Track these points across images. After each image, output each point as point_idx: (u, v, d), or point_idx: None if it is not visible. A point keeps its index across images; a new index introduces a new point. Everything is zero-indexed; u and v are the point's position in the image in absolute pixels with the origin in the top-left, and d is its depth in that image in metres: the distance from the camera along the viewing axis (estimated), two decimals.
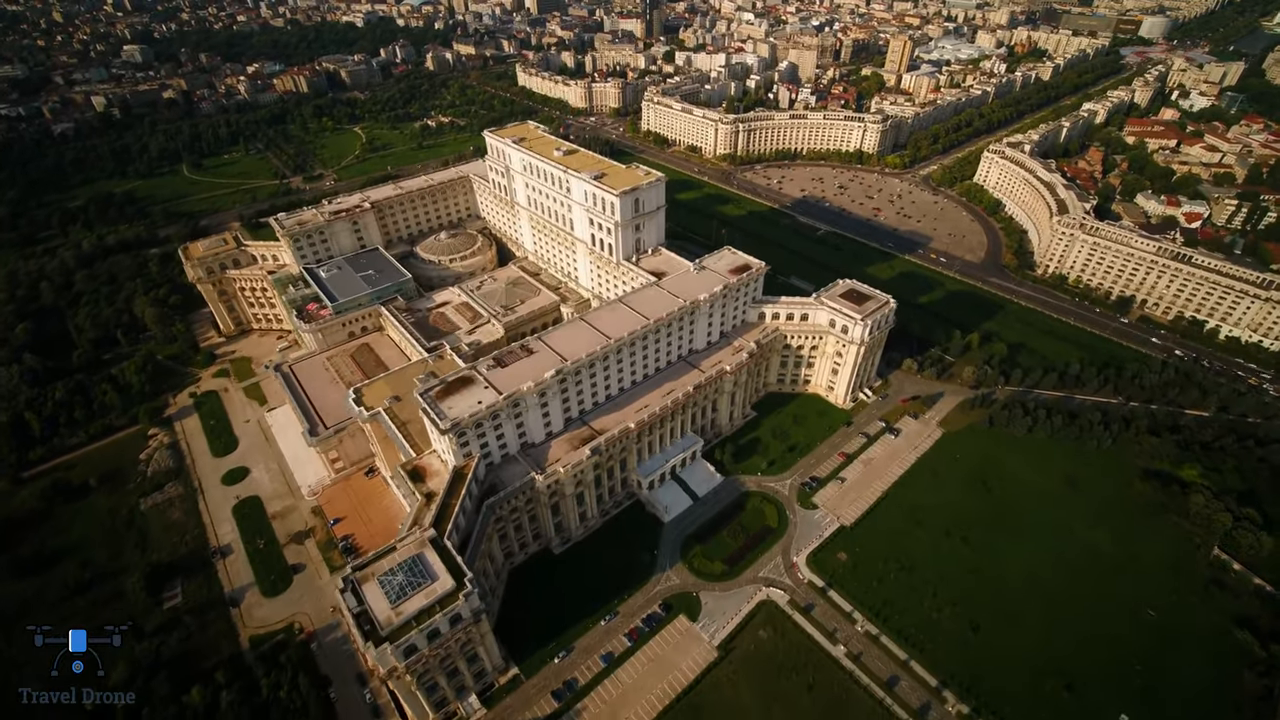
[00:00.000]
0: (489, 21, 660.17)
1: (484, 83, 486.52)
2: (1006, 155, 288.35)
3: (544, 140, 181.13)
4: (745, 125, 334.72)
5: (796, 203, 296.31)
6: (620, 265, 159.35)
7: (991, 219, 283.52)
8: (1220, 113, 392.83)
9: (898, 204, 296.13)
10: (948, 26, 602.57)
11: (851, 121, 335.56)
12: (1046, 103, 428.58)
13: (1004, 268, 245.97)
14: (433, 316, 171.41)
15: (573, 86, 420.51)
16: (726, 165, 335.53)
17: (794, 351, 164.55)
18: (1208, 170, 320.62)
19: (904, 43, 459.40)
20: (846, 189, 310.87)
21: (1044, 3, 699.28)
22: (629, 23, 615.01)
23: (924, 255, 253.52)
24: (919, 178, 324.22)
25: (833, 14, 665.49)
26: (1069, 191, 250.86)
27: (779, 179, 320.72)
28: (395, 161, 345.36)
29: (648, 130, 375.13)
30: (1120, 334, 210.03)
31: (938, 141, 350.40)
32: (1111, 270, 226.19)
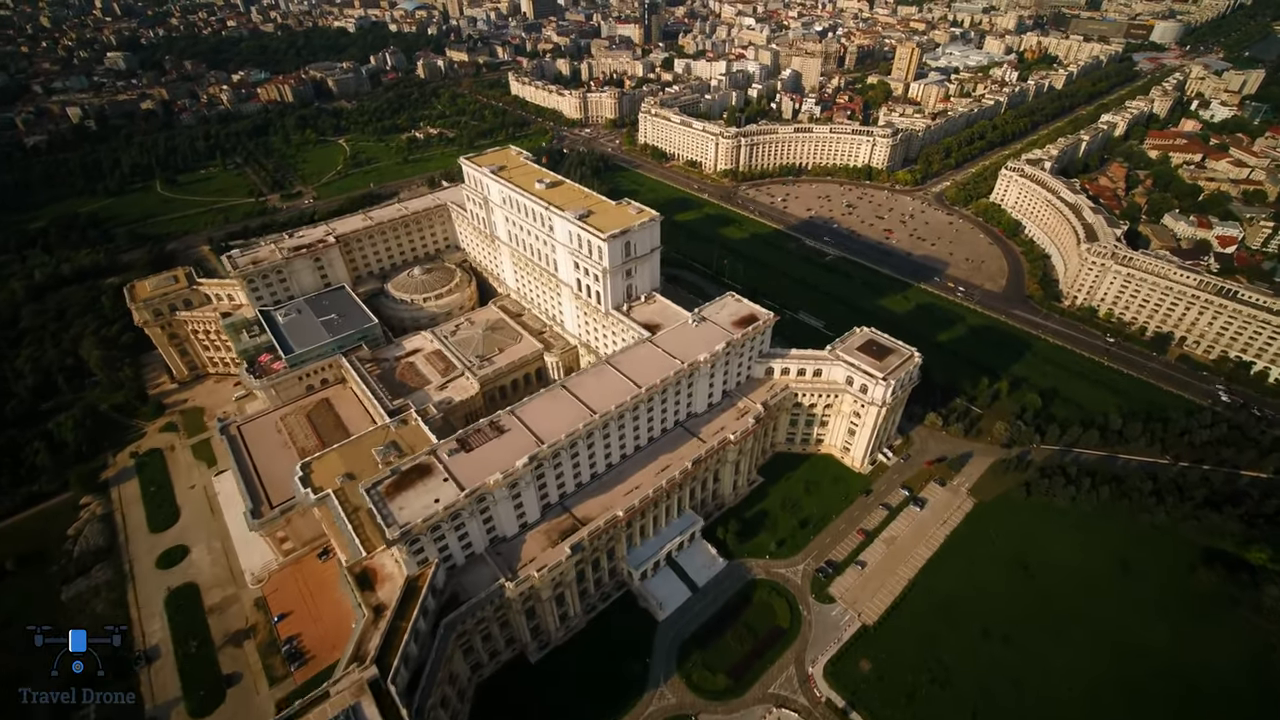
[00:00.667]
0: (483, 27, 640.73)
1: (476, 91, 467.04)
2: (1026, 174, 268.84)
3: (525, 170, 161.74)
4: (748, 139, 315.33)
5: (803, 224, 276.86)
6: (609, 315, 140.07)
7: (1011, 242, 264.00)
8: (1244, 124, 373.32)
9: (910, 224, 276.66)
10: (954, 32, 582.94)
11: (859, 135, 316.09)
12: (1062, 113, 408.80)
13: (1028, 298, 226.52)
14: (400, 368, 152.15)
15: (567, 97, 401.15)
16: (728, 182, 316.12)
17: (805, 410, 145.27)
18: (1236, 187, 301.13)
19: (911, 50, 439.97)
20: (855, 208, 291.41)
21: (1051, 7, 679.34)
22: (627, 28, 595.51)
23: (941, 284, 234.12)
24: (931, 195, 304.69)
25: (835, 19, 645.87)
26: (1097, 215, 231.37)
27: (783, 197, 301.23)
28: (379, 177, 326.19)
29: (645, 143, 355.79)
30: (1159, 376, 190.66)
31: (950, 156, 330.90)
32: (1147, 304, 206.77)
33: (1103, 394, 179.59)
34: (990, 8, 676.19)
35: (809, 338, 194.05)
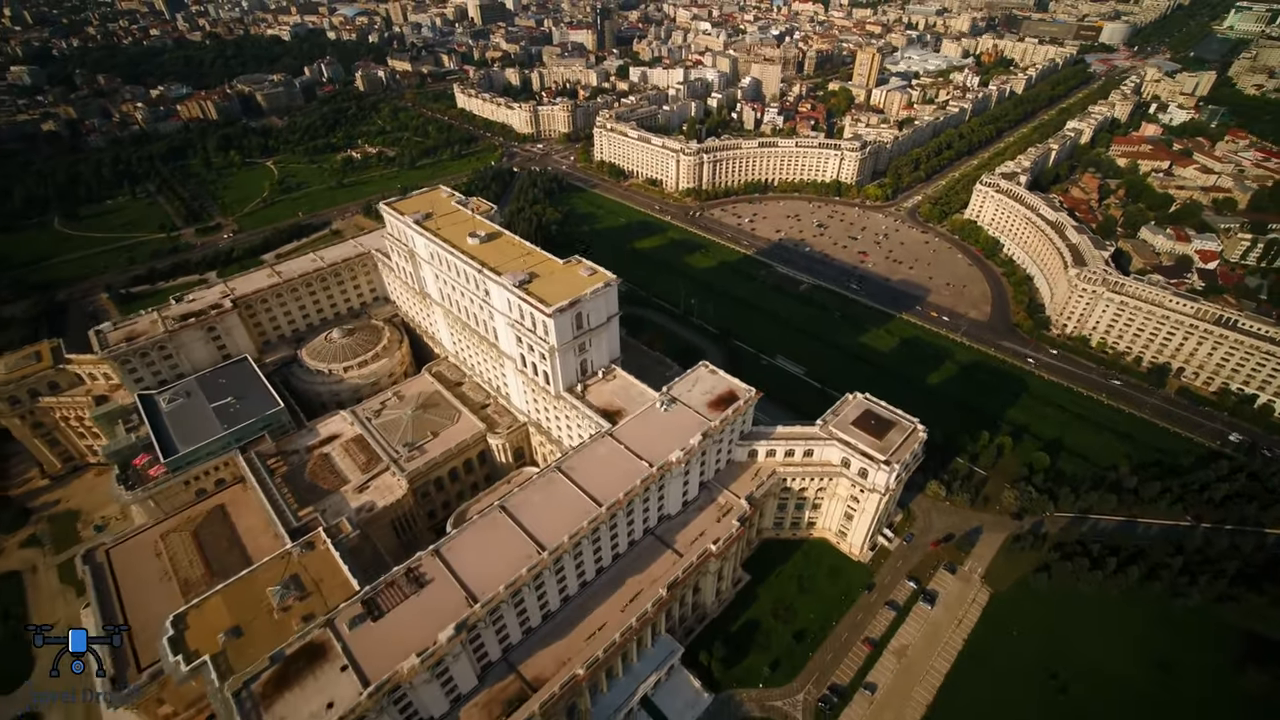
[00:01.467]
0: (429, 34, 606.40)
1: (420, 104, 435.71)
2: (1003, 189, 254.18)
3: (456, 218, 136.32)
4: (710, 156, 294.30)
5: (773, 247, 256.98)
6: (560, 399, 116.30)
7: (990, 262, 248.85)
8: (1202, 127, 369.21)
9: (885, 245, 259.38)
10: (911, 35, 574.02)
11: (827, 149, 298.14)
12: (1025, 118, 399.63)
13: (1015, 327, 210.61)
14: (313, 462, 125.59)
15: (517, 110, 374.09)
16: (691, 201, 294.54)
17: (795, 494, 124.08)
18: (1206, 195, 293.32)
19: (872, 56, 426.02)
20: (826, 228, 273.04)
21: (1003, 9, 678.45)
22: (579, 34, 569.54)
23: (923, 313, 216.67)
24: (904, 211, 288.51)
25: (792, 22, 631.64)
26: (1081, 235, 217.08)
27: (750, 217, 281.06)
28: (309, 204, 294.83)
29: (602, 160, 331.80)
30: (1162, 414, 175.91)
31: (919, 167, 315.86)
32: (1142, 333, 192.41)
33: (1108, 440, 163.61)
34: (943, 10, 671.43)
35: (789, 387, 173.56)
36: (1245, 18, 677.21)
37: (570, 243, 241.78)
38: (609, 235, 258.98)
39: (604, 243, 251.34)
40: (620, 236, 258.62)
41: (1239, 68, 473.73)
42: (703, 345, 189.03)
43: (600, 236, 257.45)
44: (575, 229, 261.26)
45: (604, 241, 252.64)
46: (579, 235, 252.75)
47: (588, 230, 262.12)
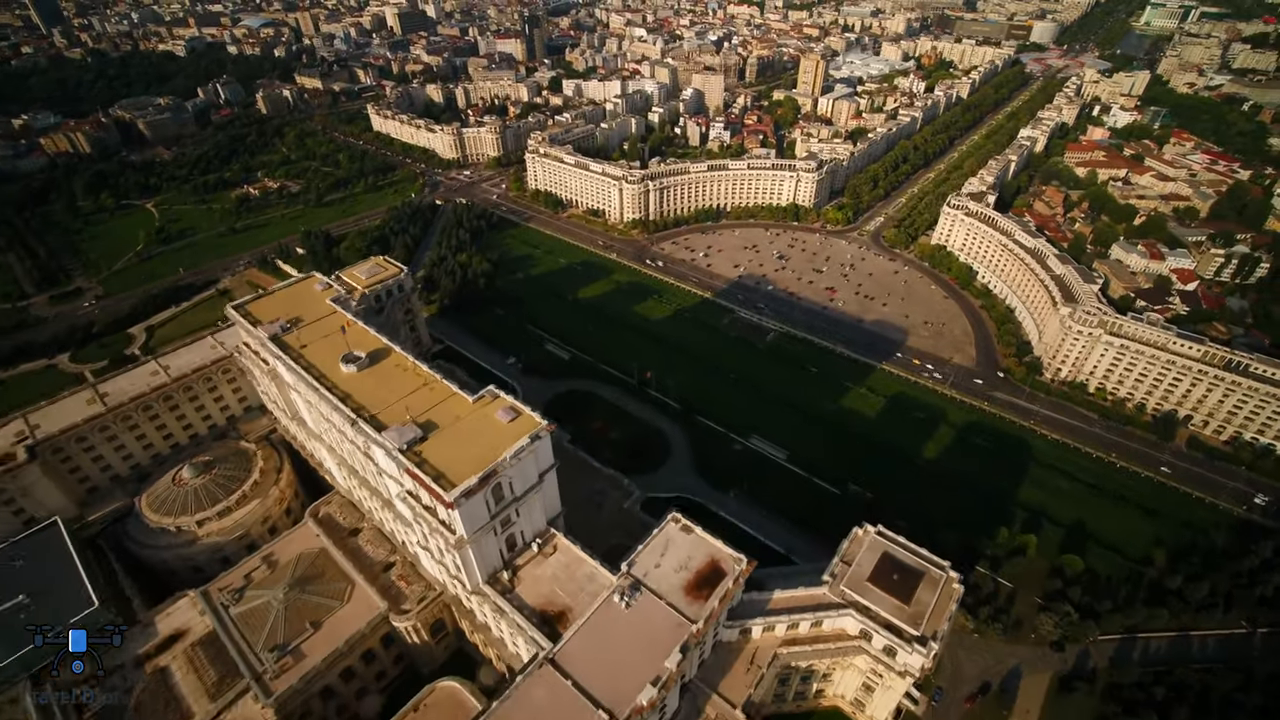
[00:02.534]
0: (342, 46, 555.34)
1: (331, 128, 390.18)
2: (973, 213, 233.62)
3: (328, 327, 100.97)
4: (657, 183, 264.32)
5: (733, 286, 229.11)
6: (478, 592, 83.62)
7: (966, 293, 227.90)
8: (1147, 129, 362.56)
9: (853, 277, 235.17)
10: (849, 38, 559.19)
11: (782, 171, 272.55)
12: (973, 125, 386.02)
13: (1005, 373, 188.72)
14: (142, 690, 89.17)
15: (439, 133, 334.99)
16: (638, 234, 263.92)
17: (800, 670, 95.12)
18: (1167, 204, 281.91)
19: (816, 63, 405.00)
20: (788, 259, 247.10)
21: (935, 9, 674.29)
22: (507, 43, 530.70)
23: (905, 360, 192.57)
24: (867, 236, 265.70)
25: (729, 26, 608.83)
26: (1066, 266, 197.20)
27: (705, 250, 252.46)
28: (194, 257, 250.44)
29: (536, 189, 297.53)
30: (1178, 473, 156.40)
31: (878, 185, 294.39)
32: (1145, 379, 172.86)
33: (1132, 518, 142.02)
34: (878, 11, 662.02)
35: (773, 481, 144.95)
36: (1159, 14, 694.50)
37: (502, 299, 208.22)
38: (548, 283, 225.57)
39: (542, 294, 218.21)
40: (561, 283, 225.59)
41: (1168, 65, 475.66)
42: (663, 426, 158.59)
43: (538, 286, 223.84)
44: (508, 278, 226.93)
45: (542, 292, 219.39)
46: (512, 289, 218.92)
47: (522, 278, 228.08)
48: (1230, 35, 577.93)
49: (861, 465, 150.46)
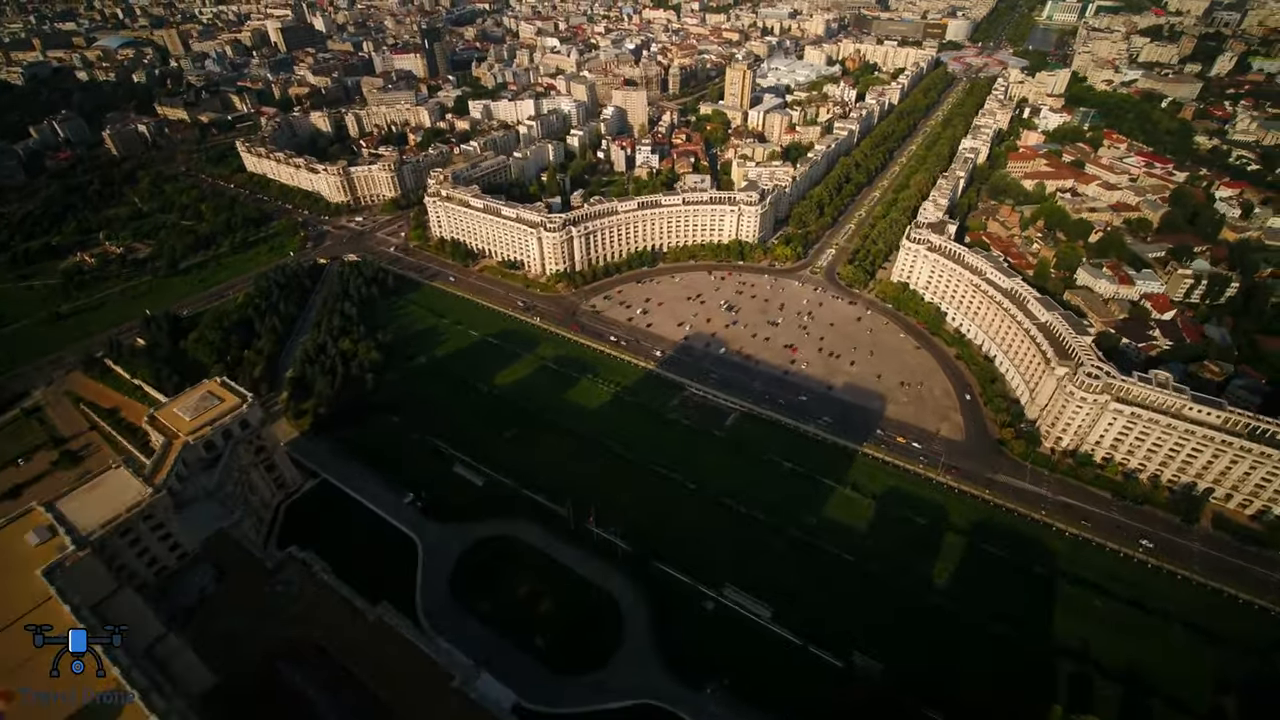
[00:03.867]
0: (215, 68, 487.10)
1: (198, 168, 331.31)
2: (937, 248, 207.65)
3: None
4: (581, 229, 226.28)
5: (679, 352, 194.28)
6: None
7: (937, 339, 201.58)
8: (1078, 131, 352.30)
9: (813, 329, 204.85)
10: (770, 42, 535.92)
11: (722, 206, 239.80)
12: (909, 133, 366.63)
13: (1001, 446, 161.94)
14: None
15: (324, 173, 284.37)
16: (565, 289, 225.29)
17: None
18: (1118, 216, 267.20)
19: (743, 73, 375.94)
20: (738, 309, 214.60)
21: (851, 9, 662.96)
22: (406, 59, 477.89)
23: (888, 438, 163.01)
24: (821, 274, 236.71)
25: (646, 33, 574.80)
26: (1051, 312, 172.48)
27: (643, 305, 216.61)
28: (6, 356, 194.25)
29: (442, 237, 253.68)
30: (1212, 566, 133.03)
31: (824, 211, 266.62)
32: (1159, 450, 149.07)
33: (1181, 643, 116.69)
34: (795, 12, 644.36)
35: (763, 656, 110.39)
36: (1060, 8, 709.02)
37: (398, 400, 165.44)
38: (456, 370, 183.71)
39: (450, 387, 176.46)
40: (473, 367, 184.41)
41: (1083, 62, 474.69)
42: (612, 587, 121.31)
43: (443, 375, 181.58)
44: (406, 366, 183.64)
45: (449, 384, 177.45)
46: (410, 385, 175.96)
47: (424, 364, 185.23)
48: (1128, 28, 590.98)
49: (863, 609, 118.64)
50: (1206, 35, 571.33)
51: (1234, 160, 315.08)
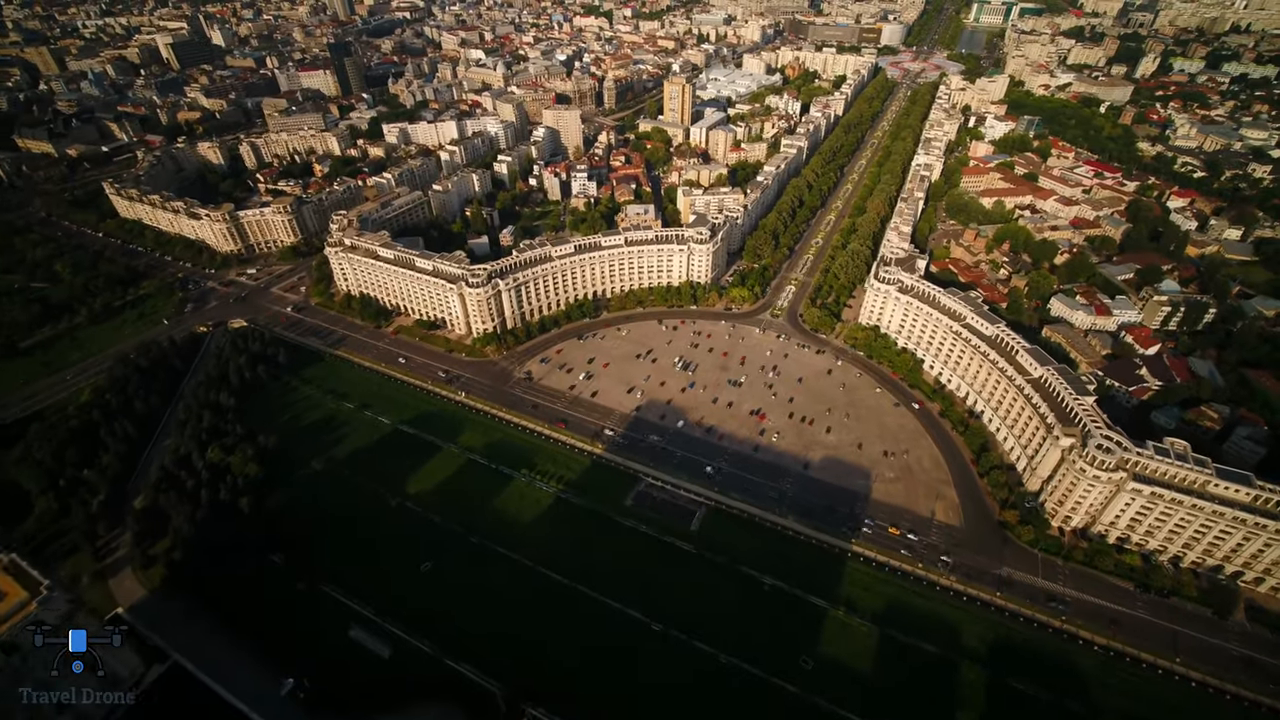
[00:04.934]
0: (94, 90, 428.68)
1: (62, 215, 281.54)
2: (909, 289, 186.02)
3: None
4: (511, 280, 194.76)
5: (632, 429, 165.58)
6: None
7: (916, 392, 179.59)
8: (1025, 140, 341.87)
9: (780, 388, 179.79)
10: (707, 50, 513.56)
11: (670, 245, 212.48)
12: (858, 146, 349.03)
13: (1004, 530, 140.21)
14: None
15: (208, 219, 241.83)
16: (495, 352, 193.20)
17: None
18: (1080, 234, 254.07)
19: (682, 88, 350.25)
20: (695, 367, 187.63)
21: (785, 14, 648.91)
22: (314, 77, 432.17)
23: (879, 529, 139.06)
24: (783, 317, 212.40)
25: (577, 41, 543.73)
26: (1045, 367, 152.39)
27: (586, 369, 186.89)
28: None
29: (349, 293, 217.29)
30: (1257, 676, 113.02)
31: (779, 242, 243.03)
32: (1182, 532, 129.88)
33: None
34: (730, 18, 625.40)
35: None
36: (986, 10, 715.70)
37: (278, 537, 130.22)
38: (361, 473, 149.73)
39: (349, 500, 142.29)
40: (381, 470, 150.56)
41: (1017, 66, 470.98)
42: None
43: (343, 484, 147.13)
44: (294, 475, 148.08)
45: (349, 499, 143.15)
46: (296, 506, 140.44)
47: (318, 471, 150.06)
48: (1053, 30, 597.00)
49: None
50: (1126, 36, 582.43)
51: (1179, 168, 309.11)
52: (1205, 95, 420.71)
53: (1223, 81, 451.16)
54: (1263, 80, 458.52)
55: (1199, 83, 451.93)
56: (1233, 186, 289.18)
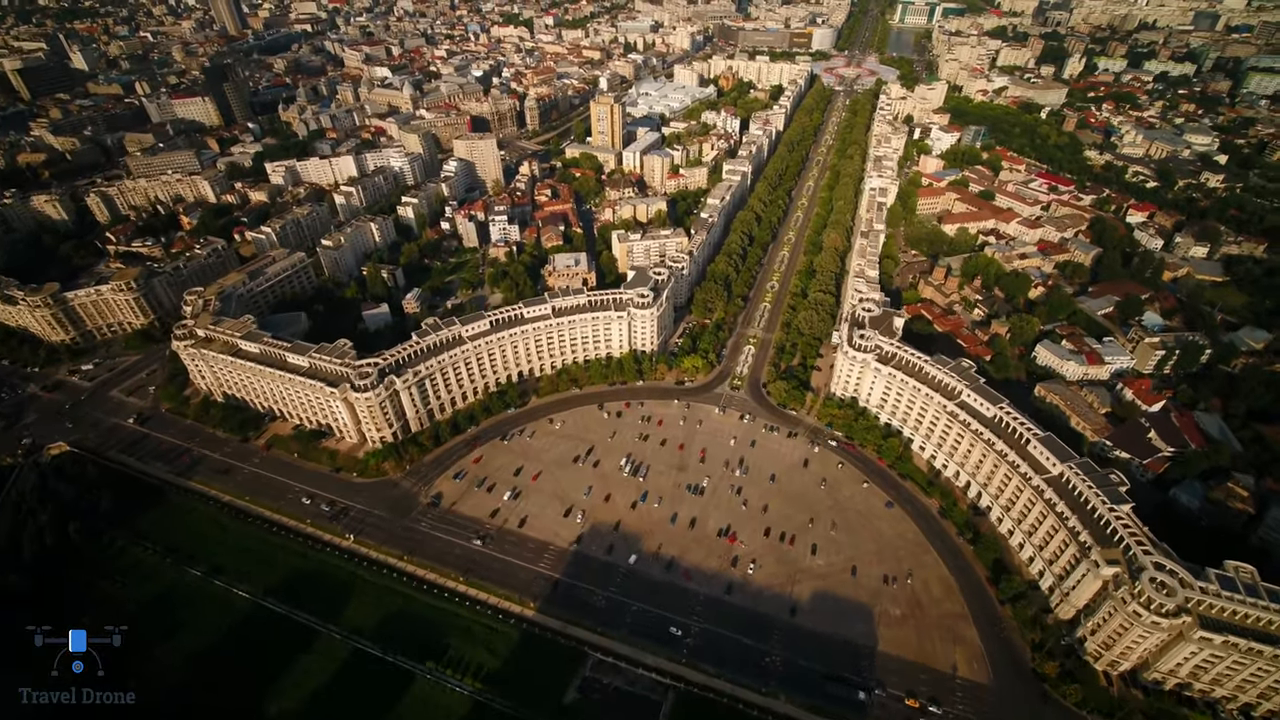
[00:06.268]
0: None
1: None
2: (889, 358, 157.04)
3: None
4: (411, 376, 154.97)
5: (571, 569, 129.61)
6: None
7: (909, 484, 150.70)
8: (973, 153, 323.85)
9: (751, 491, 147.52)
10: (635, 61, 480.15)
11: (606, 312, 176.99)
12: (803, 167, 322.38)
13: (1043, 684, 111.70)
14: None
15: (25, 303, 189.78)
16: (394, 469, 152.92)
17: None
18: (1049, 261, 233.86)
19: (610, 108, 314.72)
20: (646, 468, 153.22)
21: (714, 19, 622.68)
22: (190, 104, 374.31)
23: (892, 703, 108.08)
24: (745, 386, 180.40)
25: (495, 54, 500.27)
26: (1066, 464, 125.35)
27: (512, 485, 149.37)
28: None
29: (208, 396, 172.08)
30: None
31: (732, 292, 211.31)
32: (1258, 682, 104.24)
33: None
34: (657, 25, 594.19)
35: None
36: (911, 11, 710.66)
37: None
38: (203, 679, 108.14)
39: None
40: (229, 686, 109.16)
41: (950, 70, 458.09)
42: None
43: (170, 714, 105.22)
44: (101, 700, 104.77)
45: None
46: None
47: (130, 708, 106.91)
48: (977, 30, 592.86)
49: None
50: (1047, 35, 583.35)
51: (1131, 178, 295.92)
52: (1135, 95, 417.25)
53: (1147, 80, 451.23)
54: (1183, 78, 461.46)
55: (1125, 82, 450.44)
56: (1187, 197, 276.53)
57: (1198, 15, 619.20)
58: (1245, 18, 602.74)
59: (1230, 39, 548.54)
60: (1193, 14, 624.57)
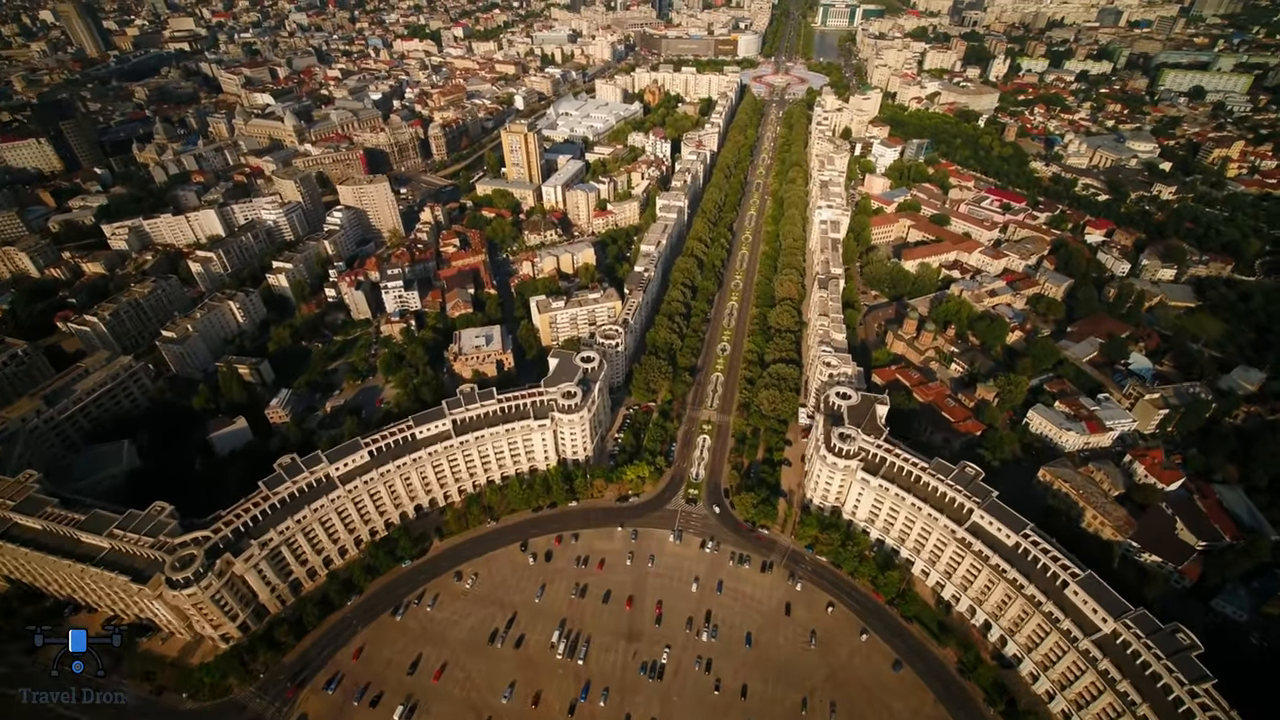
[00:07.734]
0: None
1: None
2: (877, 466, 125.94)
3: None
4: (259, 549, 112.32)
5: None
6: None
7: (914, 627, 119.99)
8: (919, 170, 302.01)
9: (721, 667, 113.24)
10: (553, 75, 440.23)
11: (525, 422, 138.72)
12: (742, 196, 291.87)
13: None
14: None
15: None
16: (238, 689, 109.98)
17: None
18: (1020, 299, 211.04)
19: (524, 137, 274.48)
20: (588, 643, 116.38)
21: (634, 26, 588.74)
22: (22, 147, 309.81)
23: None
24: (703, 498, 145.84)
25: (398, 71, 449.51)
26: (1122, 622, 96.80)
27: (405, 695, 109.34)
28: None
29: None
30: None
31: (678, 368, 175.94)
32: None
33: None
34: (576, 34, 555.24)
35: None
36: (832, 14, 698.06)
37: None
38: None
39: None
40: None
41: (881, 77, 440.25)
42: None
43: None
44: None
45: None
46: None
47: None
48: (899, 32, 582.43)
49: None
50: (966, 35, 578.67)
51: (1082, 190, 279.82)
52: (1062, 97, 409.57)
53: (1069, 80, 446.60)
54: (1102, 77, 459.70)
55: (1050, 83, 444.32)
56: (1141, 210, 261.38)
57: (1101, 11, 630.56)
58: (1143, 13, 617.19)
59: (1135, 35, 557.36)
60: (1096, 10, 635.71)
